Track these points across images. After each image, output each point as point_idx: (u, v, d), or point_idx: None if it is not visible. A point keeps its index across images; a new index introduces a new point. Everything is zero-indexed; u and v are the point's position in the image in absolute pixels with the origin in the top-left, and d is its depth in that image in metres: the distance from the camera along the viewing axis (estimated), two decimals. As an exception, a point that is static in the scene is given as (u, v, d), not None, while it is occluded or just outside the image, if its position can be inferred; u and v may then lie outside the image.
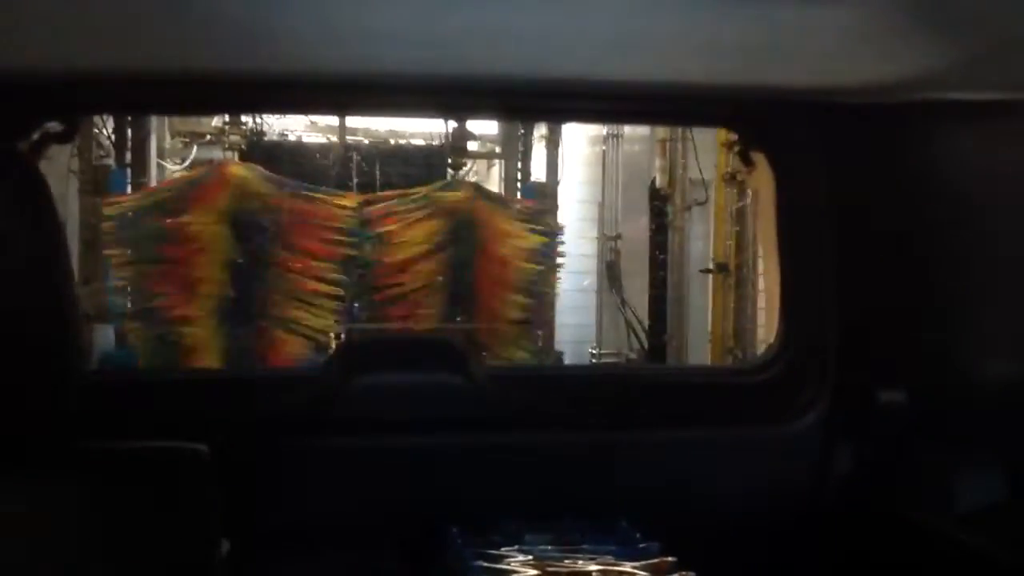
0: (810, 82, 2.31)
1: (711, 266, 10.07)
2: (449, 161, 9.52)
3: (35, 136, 2.48)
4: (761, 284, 9.02)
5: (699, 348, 10.54)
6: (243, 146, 9.55)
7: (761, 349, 8.98)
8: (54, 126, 2.50)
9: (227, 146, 9.44)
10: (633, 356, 11.20)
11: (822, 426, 2.60)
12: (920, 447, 2.46)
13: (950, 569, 2.31)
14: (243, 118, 9.68)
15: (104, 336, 8.81)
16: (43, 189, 1.95)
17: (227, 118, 9.54)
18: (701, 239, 10.45)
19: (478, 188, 9.40)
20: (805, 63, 2.17)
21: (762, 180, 8.26)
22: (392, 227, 9.08)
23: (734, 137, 9.00)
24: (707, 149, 9.95)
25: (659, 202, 10.93)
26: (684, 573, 2.23)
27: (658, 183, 10.75)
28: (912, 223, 2.47)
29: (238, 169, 8.91)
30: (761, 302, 9.00)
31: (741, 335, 9.40)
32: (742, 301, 9.31)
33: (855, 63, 2.14)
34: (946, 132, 2.41)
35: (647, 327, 11.21)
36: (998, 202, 2.39)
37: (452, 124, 9.59)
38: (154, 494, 2.04)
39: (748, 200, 9.01)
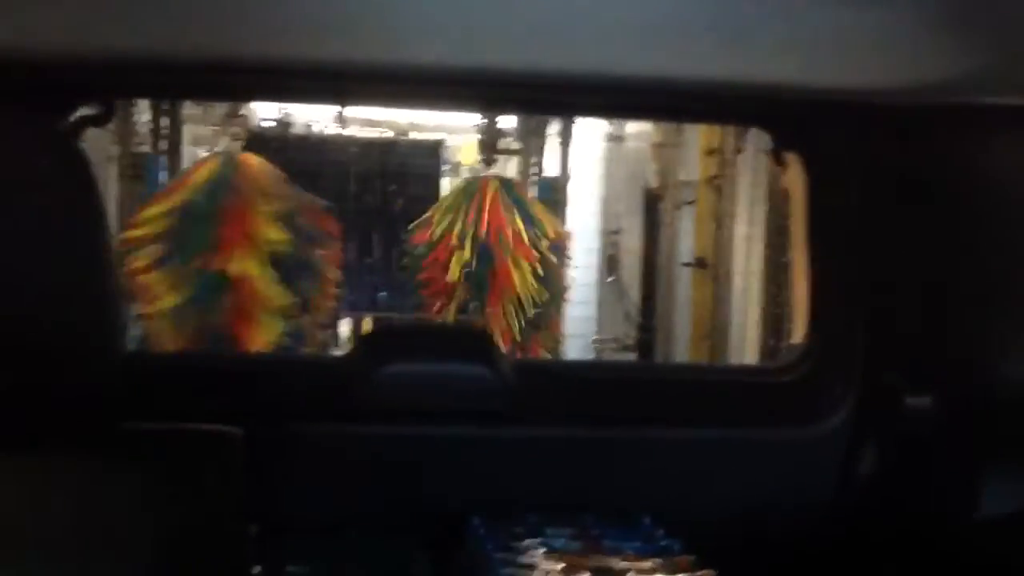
0: (845, 83, 2.13)
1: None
2: (481, 157, 9.33)
3: (72, 119, 2.34)
4: (738, 280, 8.98)
5: (685, 335, 10.47)
6: (242, 138, 9.09)
7: (734, 336, 8.88)
8: (90, 109, 2.37)
9: (233, 137, 9.00)
10: (630, 343, 11.19)
11: (847, 429, 2.42)
12: (945, 451, 2.27)
13: (971, 574, 2.12)
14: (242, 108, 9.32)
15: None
16: (85, 168, 1.77)
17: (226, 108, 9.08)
18: (691, 236, 10.41)
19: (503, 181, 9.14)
20: (841, 63, 2.00)
21: (743, 183, 8.10)
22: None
23: (715, 145, 8.88)
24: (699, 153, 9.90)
25: (652, 201, 10.90)
26: (705, 571, 2.05)
27: (652, 184, 10.69)
28: (944, 227, 2.27)
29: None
30: (737, 295, 9.04)
31: (717, 323, 9.37)
32: (719, 293, 9.26)
33: (891, 64, 1.97)
34: (983, 136, 2.23)
35: (639, 316, 11.17)
36: None
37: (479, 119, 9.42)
38: (185, 476, 1.87)
39: (726, 202, 9.05)
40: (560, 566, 2.08)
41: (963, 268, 2.27)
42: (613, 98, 2.45)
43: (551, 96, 2.47)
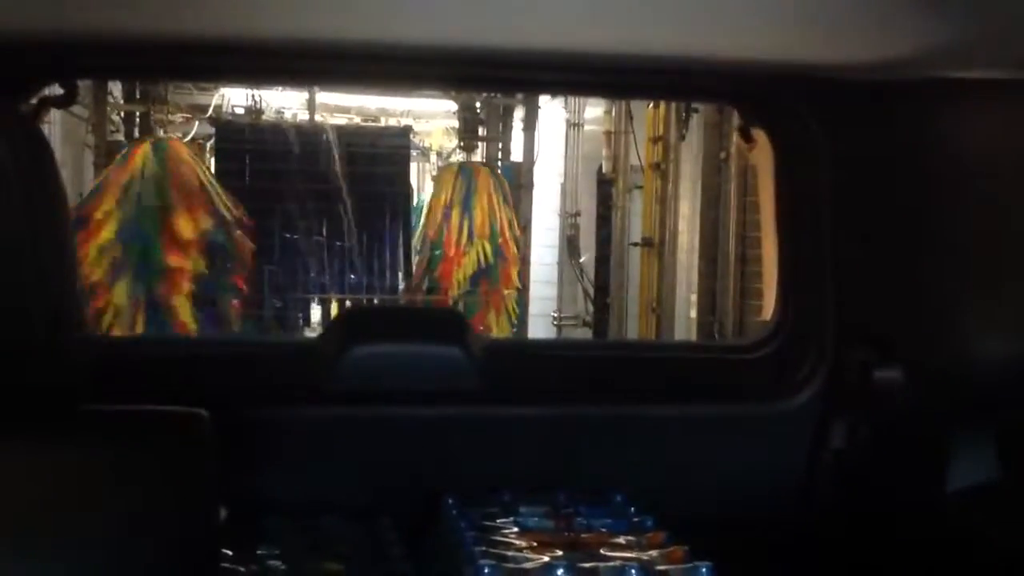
0: (813, 58, 2.02)
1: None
2: (460, 143, 9.29)
3: (34, 100, 2.19)
4: (684, 258, 9.12)
5: (636, 310, 10.54)
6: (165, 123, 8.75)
7: (680, 307, 8.87)
8: (53, 90, 2.22)
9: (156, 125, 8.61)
10: (588, 319, 11.23)
11: (818, 403, 2.32)
12: (916, 424, 2.16)
13: (941, 546, 2.03)
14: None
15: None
16: (45, 151, 1.62)
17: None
18: (640, 217, 10.44)
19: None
20: (808, 38, 1.89)
21: (685, 168, 8.26)
22: None
23: (660, 133, 9.06)
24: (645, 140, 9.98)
25: (606, 185, 10.97)
26: (677, 547, 1.94)
27: (604, 169, 10.77)
28: (913, 201, 2.16)
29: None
30: (681, 272, 9.18)
31: (661, 297, 9.59)
32: (664, 269, 9.48)
33: (859, 39, 1.86)
34: (951, 111, 2.12)
35: (594, 292, 11.17)
36: (1000, 182, 2.09)
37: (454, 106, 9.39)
38: (154, 458, 1.72)
39: (670, 185, 9.24)
40: (533, 544, 1.96)
41: (932, 243, 2.16)
42: (582, 76, 2.33)
43: (520, 74, 2.34)
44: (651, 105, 9.22)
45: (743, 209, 7.84)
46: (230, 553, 1.97)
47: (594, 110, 10.84)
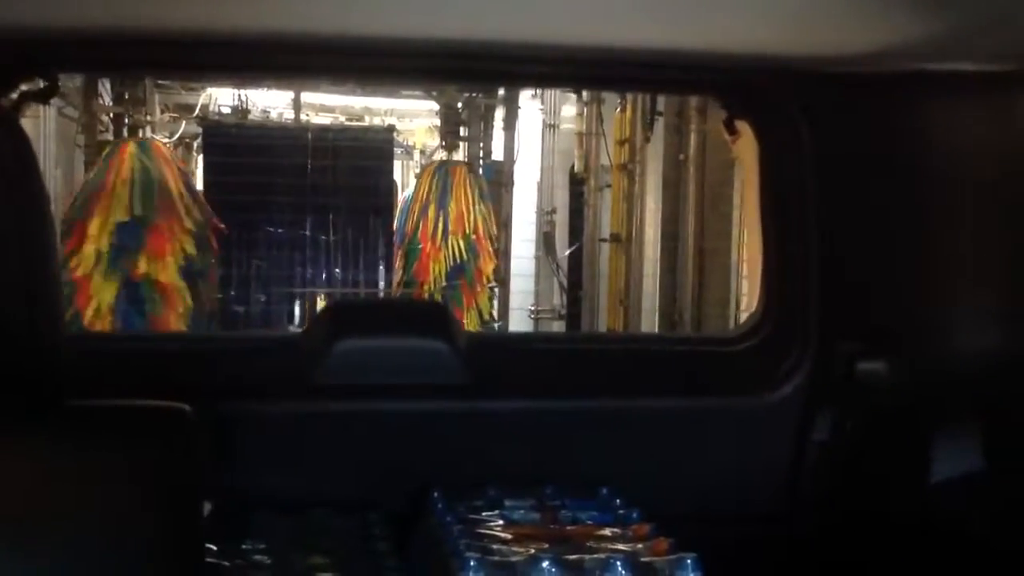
0: (797, 51, 1.95)
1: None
2: (442, 143, 9.22)
3: (14, 94, 2.09)
4: (649, 251, 9.16)
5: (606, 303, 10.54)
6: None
7: (646, 301, 8.93)
8: (34, 84, 2.12)
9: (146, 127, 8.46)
10: (563, 312, 11.24)
11: (803, 395, 2.24)
12: (900, 416, 2.09)
13: (926, 538, 1.97)
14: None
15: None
16: (26, 147, 1.52)
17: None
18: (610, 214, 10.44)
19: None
20: (792, 31, 1.82)
21: (650, 168, 8.28)
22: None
23: (626, 135, 9.07)
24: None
25: (578, 184, 10.98)
26: (662, 539, 1.85)
27: (576, 168, 10.77)
28: (897, 194, 2.09)
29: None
30: (647, 266, 9.23)
31: (629, 290, 9.61)
32: (630, 264, 9.53)
33: (843, 32, 1.79)
34: (936, 103, 2.06)
35: (569, 286, 11.16)
36: (985, 174, 2.02)
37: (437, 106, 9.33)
38: (138, 453, 1.62)
39: (636, 185, 9.28)
40: (519, 537, 1.88)
41: (917, 235, 2.09)
42: (567, 68, 2.24)
43: (510, 67, 2.25)
44: (619, 108, 9.20)
45: (701, 207, 7.89)
46: (215, 547, 1.89)
47: (570, 109, 10.80)
